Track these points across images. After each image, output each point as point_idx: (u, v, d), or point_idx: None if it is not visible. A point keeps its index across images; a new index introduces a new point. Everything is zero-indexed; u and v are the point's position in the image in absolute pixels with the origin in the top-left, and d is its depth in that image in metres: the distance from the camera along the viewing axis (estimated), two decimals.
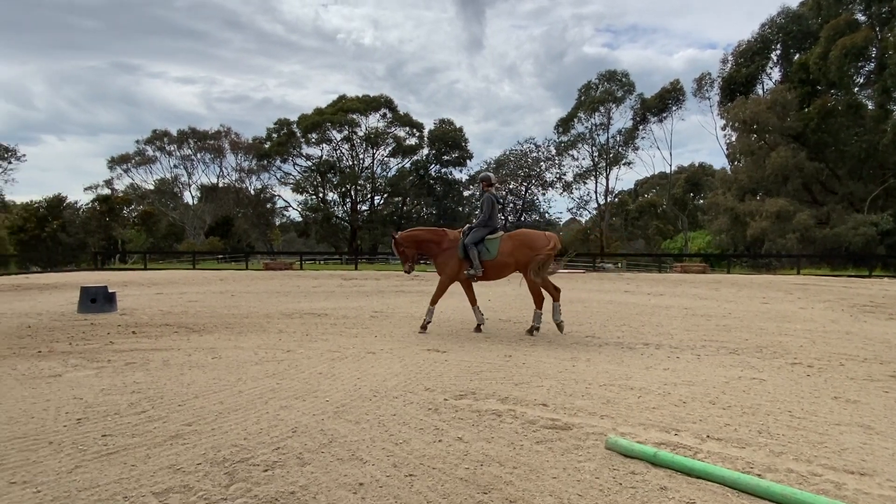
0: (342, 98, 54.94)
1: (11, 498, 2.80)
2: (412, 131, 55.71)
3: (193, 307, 10.94)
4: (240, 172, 56.61)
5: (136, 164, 54.50)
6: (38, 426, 3.87)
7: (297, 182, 56.25)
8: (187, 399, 4.51)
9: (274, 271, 26.92)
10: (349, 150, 55.51)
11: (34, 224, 45.57)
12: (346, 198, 56.25)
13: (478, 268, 7.66)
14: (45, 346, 6.88)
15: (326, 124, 52.97)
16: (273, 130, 55.21)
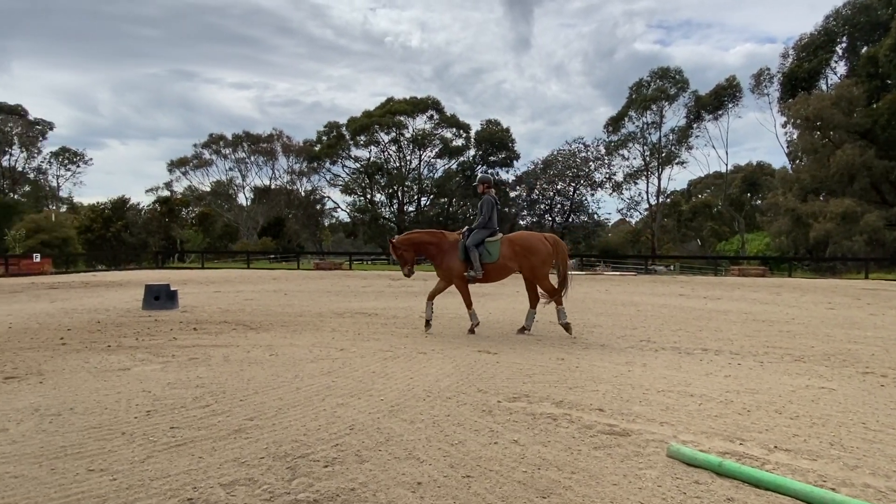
0: (390, 100, 55.63)
1: (90, 484, 2.96)
2: (459, 132, 55.87)
3: (249, 305, 11.29)
4: (291, 174, 58.17)
5: (194, 166, 56.78)
6: (111, 417, 4.07)
7: (345, 184, 57.35)
8: (248, 395, 4.66)
9: (324, 271, 27.52)
10: (396, 151, 56.16)
11: (100, 224, 48.07)
12: (393, 199, 56.92)
13: (478, 270, 7.63)
14: (114, 340, 7.24)
15: (374, 126, 53.76)
16: (323, 133, 56.47)
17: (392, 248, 8.05)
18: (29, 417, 4.05)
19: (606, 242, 56.64)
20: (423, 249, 8.05)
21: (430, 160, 56.61)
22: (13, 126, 51.64)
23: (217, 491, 2.87)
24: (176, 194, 56.53)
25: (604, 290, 16.02)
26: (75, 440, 3.59)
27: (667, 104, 49.95)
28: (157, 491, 2.88)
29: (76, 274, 26.57)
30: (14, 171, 53.87)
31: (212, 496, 2.81)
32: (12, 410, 4.20)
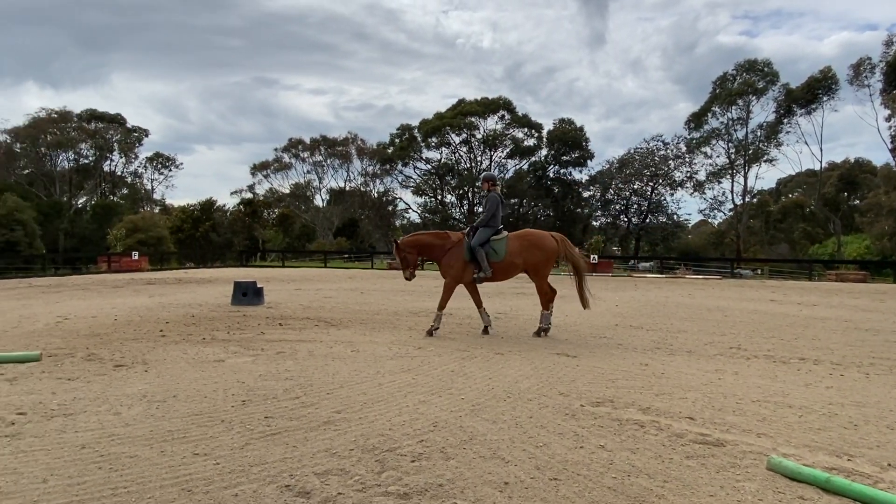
0: (461, 102, 55.92)
1: (196, 467, 3.16)
2: (530, 132, 55.35)
3: (329, 303, 11.68)
4: (365, 176, 59.69)
5: (274, 170, 59.41)
6: (210, 405, 4.33)
7: (416, 185, 58.20)
8: (334, 388, 4.82)
9: (397, 271, 28.03)
10: (467, 152, 56.39)
11: (189, 225, 51.31)
12: (463, 200, 57.18)
13: (487, 269, 7.53)
14: (208, 333, 7.70)
15: (446, 128, 54.23)
16: (395, 136, 57.58)
17: (395, 249, 7.97)
18: (138, 403, 4.37)
19: (686, 244, 54.32)
20: (428, 251, 7.96)
21: (500, 161, 56.44)
22: (113, 133, 56.02)
23: (312, 479, 2.99)
24: (258, 196, 59.39)
25: (686, 294, 15.36)
26: (180, 425, 3.84)
27: (754, 99, 47.18)
28: (256, 476, 3.03)
29: (169, 271, 28.50)
30: (114, 175, 58.44)
31: (307, 484, 2.93)
32: (123, 396, 4.56)
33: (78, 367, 5.56)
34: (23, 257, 32.28)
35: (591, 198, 55.77)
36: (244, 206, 56.17)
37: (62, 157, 53.37)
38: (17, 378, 5.09)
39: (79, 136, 52.97)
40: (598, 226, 56.01)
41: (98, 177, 56.08)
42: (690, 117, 50.54)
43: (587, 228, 54.84)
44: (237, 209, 56.93)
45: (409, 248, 7.86)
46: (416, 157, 57.32)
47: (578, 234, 53.17)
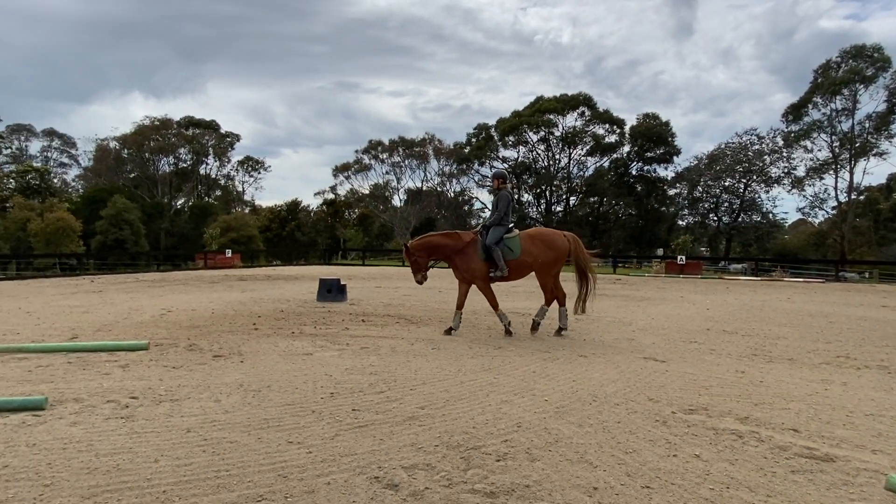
0: (539, 99, 55.22)
1: (290, 455, 3.29)
2: (612, 128, 53.77)
3: (409, 300, 11.88)
4: (441, 176, 60.31)
5: (355, 171, 61.25)
6: (301, 396, 4.51)
7: None
8: (416, 385, 4.88)
9: None
10: (545, 150, 55.61)
11: (277, 224, 53.91)
12: (540, 198, 56.47)
13: (504, 268, 7.41)
14: (297, 328, 8.03)
15: (523, 126, 53.74)
16: (472, 135, 57.75)
17: (406, 252, 7.83)
18: (235, 391, 4.63)
19: (783, 245, 50.78)
20: (440, 252, 7.80)
21: (580, 158, 55.24)
22: (209, 139, 59.83)
23: (399, 473, 3.04)
24: (340, 197, 61.47)
25: (785, 298, 14.35)
26: (275, 414, 4.03)
27: (862, 87, 43.28)
28: (346, 466, 3.13)
29: (259, 268, 30.07)
30: (209, 178, 62.41)
31: (395, 477, 2.99)
32: (222, 384, 4.84)
33: (181, 357, 5.97)
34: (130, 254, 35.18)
35: (677, 196, 53.41)
36: (327, 207, 58.34)
37: (163, 162, 57.69)
38: (128, 365, 5.54)
39: (178, 141, 57.03)
40: (685, 225, 53.49)
41: (195, 179, 60.11)
42: (788, 109, 47.15)
43: (672, 228, 52.52)
44: (320, 209, 59.23)
45: (420, 250, 7.73)
46: (492, 157, 57.22)
47: (663, 233, 51.07)
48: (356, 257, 44.93)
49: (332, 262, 39.43)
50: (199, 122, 58.61)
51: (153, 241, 47.74)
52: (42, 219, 30.93)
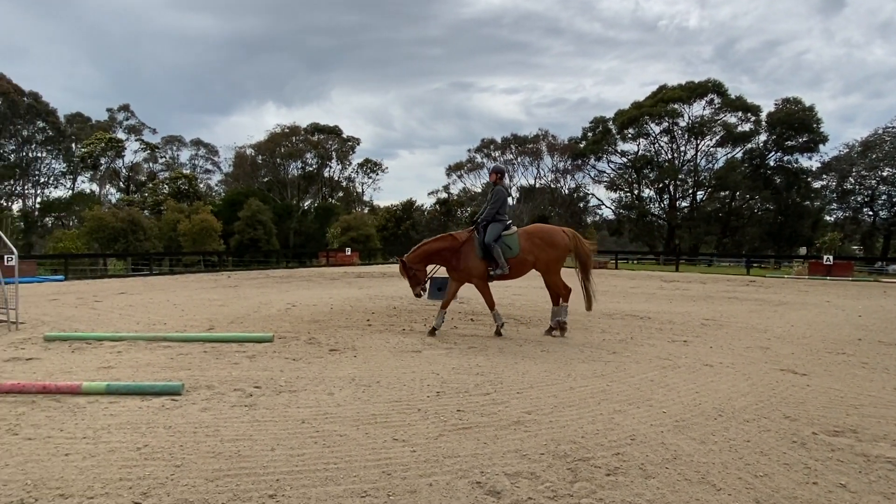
0: (662, 88, 52.13)
1: (395, 452, 3.32)
2: (745, 116, 49.40)
3: (518, 300, 11.72)
4: (555, 173, 59.04)
5: (468, 170, 61.79)
6: (408, 394, 4.56)
7: (611, 179, 55.82)
8: (523, 388, 4.76)
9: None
10: (668, 142, 52.42)
11: (393, 224, 55.86)
12: (663, 194, 53.33)
13: (504, 266, 7.15)
14: (407, 325, 8.21)
15: (644, 118, 51.05)
16: (588, 129, 55.90)
17: (402, 267, 7.53)
18: (347, 385, 4.79)
19: None
20: (438, 258, 7.53)
21: (708, 149, 51.36)
22: (332, 144, 63.42)
23: (502, 479, 2.95)
24: (452, 196, 62.39)
25: None
26: (383, 410, 4.11)
27: None
28: (449, 469, 3.09)
29: (376, 265, 31.34)
30: (332, 180, 66.17)
31: (497, 483, 2.90)
32: (336, 378, 5.04)
33: (301, 349, 6.32)
34: (262, 252, 38.25)
35: (823, 188, 47.94)
36: (439, 206, 59.49)
37: (292, 166, 62.03)
38: (255, 356, 5.95)
39: (305, 147, 61.07)
40: (833, 221, 47.90)
41: (320, 182, 64.06)
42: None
43: (818, 224, 47.17)
44: (433, 208, 60.53)
45: (418, 262, 7.49)
46: (609, 151, 55.01)
47: (806, 230, 46.15)
48: None
49: None
50: (323, 127, 62.33)
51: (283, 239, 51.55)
52: (189, 220, 34.58)
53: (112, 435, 3.55)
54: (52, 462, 3.12)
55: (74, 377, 4.95)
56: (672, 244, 49.17)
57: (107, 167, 52.14)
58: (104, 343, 6.61)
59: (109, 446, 3.36)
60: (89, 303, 10.97)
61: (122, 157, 53.64)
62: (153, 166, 57.88)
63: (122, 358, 5.84)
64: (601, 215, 60.43)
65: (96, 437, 3.52)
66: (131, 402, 4.22)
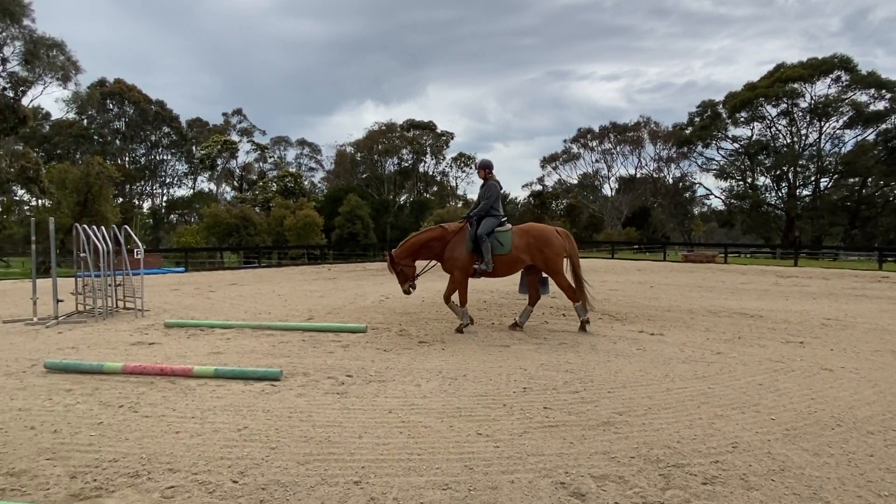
0: (780, 67, 47.90)
1: (479, 447, 3.30)
2: (879, 93, 44.25)
3: (614, 296, 11.28)
4: (658, 162, 56.25)
5: (563, 161, 60.44)
6: (494, 388, 4.52)
7: (720, 167, 52.29)
8: (615, 387, 4.56)
9: (694, 264, 25.66)
10: (787, 125, 48.14)
11: None
12: (780, 182, 49.14)
13: (489, 262, 6.91)
14: (497, 319, 8.17)
15: (759, 99, 47.23)
16: (695, 114, 52.66)
17: (390, 262, 7.26)
18: (434, 377, 4.84)
19: None
20: (428, 250, 7.26)
21: (834, 132, 46.59)
22: (426, 139, 64.47)
23: (588, 482, 2.84)
24: (547, 188, 61.31)
25: None
26: (468, 404, 4.10)
27: None
28: (532, 467, 3.02)
29: None
30: (427, 175, 67.29)
31: (583, 485, 2.79)
32: (423, 370, 5.10)
33: (392, 341, 6.47)
34: (361, 246, 39.72)
35: None
36: (534, 199, 58.69)
37: (389, 162, 63.85)
38: (349, 346, 6.17)
39: (401, 143, 62.60)
40: None
41: (415, 177, 65.41)
42: None
43: None
44: (527, 201, 59.85)
45: (406, 257, 7.22)
46: (719, 137, 51.47)
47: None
48: None
49: None
50: (418, 123, 63.54)
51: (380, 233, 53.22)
52: (294, 216, 36.65)
53: (217, 416, 3.82)
54: (164, 438, 3.41)
55: (188, 361, 5.39)
56: (791, 236, 45.26)
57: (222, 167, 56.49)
58: (216, 330, 7.16)
59: (214, 426, 3.62)
60: (205, 293, 11.93)
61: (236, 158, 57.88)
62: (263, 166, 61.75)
63: (230, 344, 6.28)
64: (709, 206, 56.82)
65: (203, 417, 3.80)
66: (235, 386, 4.53)
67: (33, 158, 32.54)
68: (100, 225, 9.15)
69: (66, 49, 32.79)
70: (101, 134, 55.73)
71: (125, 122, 56.77)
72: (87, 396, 4.28)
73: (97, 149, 51.01)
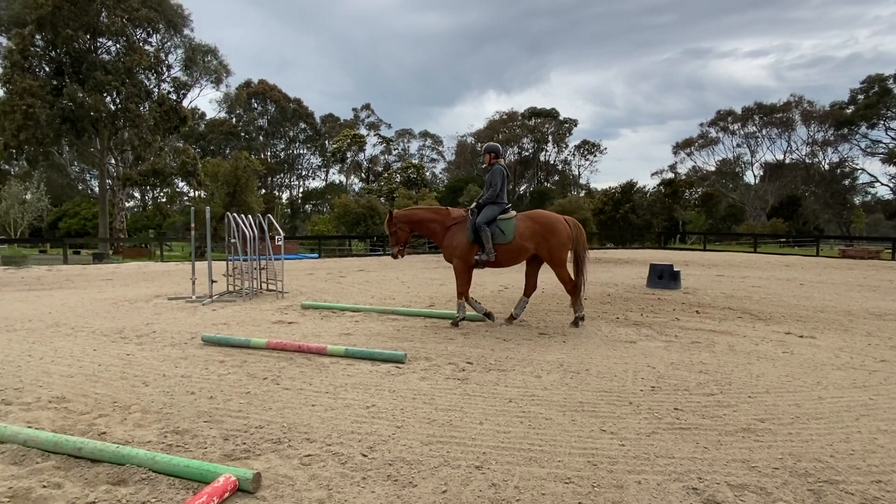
0: None
1: (602, 443, 3.19)
2: None
3: (757, 293, 10.35)
4: (811, 145, 50.60)
5: (699, 147, 56.46)
6: (619, 385, 4.35)
7: (889, 151, 45.83)
8: (757, 392, 4.18)
9: (853, 260, 22.78)
10: None
11: (610, 207, 53.69)
12: None
13: (490, 252, 6.61)
14: (622, 314, 7.83)
15: None
16: (859, 91, 46.65)
17: (388, 221, 7.09)
18: (555, 370, 4.75)
19: None
20: (425, 228, 7.07)
21: None
22: (548, 127, 63.28)
23: (724, 490, 2.64)
24: (679, 176, 57.63)
25: None
26: (590, 399, 3.98)
27: None
28: (661, 469, 2.86)
29: (591, 250, 30.56)
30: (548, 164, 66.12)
31: (718, 493, 2.60)
32: (544, 361, 5.03)
33: (511, 331, 6.45)
34: None
35: None
36: (664, 187, 55.38)
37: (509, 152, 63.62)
38: (468, 333, 6.26)
39: (522, 132, 62.08)
40: None
41: (535, 166, 64.61)
42: None
43: None
44: (657, 190, 56.62)
45: (404, 222, 7.06)
46: (888, 116, 45.15)
47: None
48: (696, 241, 41.56)
49: (668, 247, 37.36)
50: (539, 111, 62.60)
51: None
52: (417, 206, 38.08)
53: (347, 393, 4.06)
54: (301, 410, 3.69)
55: (322, 340, 5.78)
56: None
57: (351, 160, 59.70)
58: (346, 313, 7.61)
59: (345, 402, 3.85)
60: (336, 278, 12.73)
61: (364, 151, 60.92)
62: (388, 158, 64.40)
63: (358, 326, 6.65)
64: (874, 195, 50.19)
65: (335, 393, 4.06)
66: (363, 366, 4.78)
67: (192, 154, 36.65)
68: (246, 214, 10.08)
69: (219, 54, 36.50)
70: (247, 131, 61.39)
71: (267, 120, 62.04)
72: (237, 368, 4.75)
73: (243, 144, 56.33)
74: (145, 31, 33.19)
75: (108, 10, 30.55)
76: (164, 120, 33.42)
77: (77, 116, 30.17)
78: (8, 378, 4.47)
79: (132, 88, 31.23)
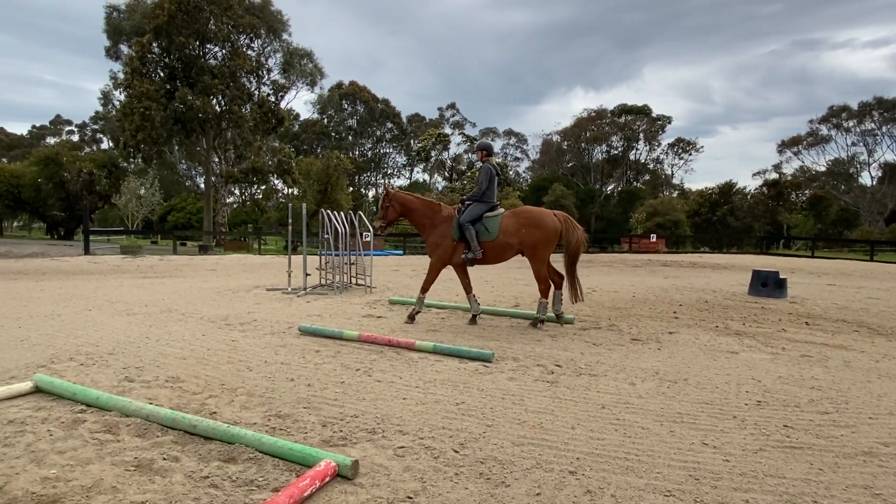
0: None
1: (705, 457, 3.03)
2: None
3: (875, 305, 9.44)
4: None
5: (807, 145, 52.31)
6: (721, 397, 4.11)
7: None
8: (879, 414, 3.81)
9: None
10: None
11: (706, 209, 50.89)
12: None
13: (476, 249, 6.56)
14: (721, 322, 7.40)
15: None
16: None
17: (384, 197, 7.09)
18: (650, 378, 4.57)
19: None
20: (412, 217, 6.99)
21: None
22: (640, 124, 60.92)
23: None
24: (785, 176, 53.69)
25: None
26: (690, 410, 3.79)
27: None
28: (771, 489, 2.68)
29: (684, 254, 29.13)
30: (638, 163, 63.68)
31: None
32: (638, 369, 4.85)
33: (601, 335, 6.27)
34: None
35: None
36: (767, 188, 51.78)
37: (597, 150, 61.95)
38: (556, 336, 6.15)
39: (611, 130, 60.20)
40: None
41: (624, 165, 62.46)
42: None
43: None
44: (759, 191, 53.04)
45: (398, 203, 6.99)
46: None
47: None
48: (803, 247, 38.54)
49: (771, 252, 34.90)
50: (630, 108, 60.43)
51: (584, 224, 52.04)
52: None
53: (437, 388, 4.11)
54: (393, 403, 3.78)
55: (410, 335, 5.89)
56: None
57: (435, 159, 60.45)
58: (431, 309, 7.71)
59: (435, 398, 3.90)
60: (420, 274, 12.93)
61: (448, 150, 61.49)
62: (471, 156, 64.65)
63: (444, 323, 6.72)
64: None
65: (425, 388, 4.12)
66: (451, 363, 4.82)
67: (287, 153, 38.60)
68: (337, 211, 10.48)
69: (314, 57, 38.19)
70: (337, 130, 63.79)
71: (356, 120, 64.16)
72: (331, 358, 4.94)
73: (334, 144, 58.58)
74: (248, 36, 35.34)
75: (216, 17, 32.80)
76: (264, 121, 35.46)
77: (187, 118, 32.64)
78: (130, 357, 4.90)
79: (235, 91, 33.38)
